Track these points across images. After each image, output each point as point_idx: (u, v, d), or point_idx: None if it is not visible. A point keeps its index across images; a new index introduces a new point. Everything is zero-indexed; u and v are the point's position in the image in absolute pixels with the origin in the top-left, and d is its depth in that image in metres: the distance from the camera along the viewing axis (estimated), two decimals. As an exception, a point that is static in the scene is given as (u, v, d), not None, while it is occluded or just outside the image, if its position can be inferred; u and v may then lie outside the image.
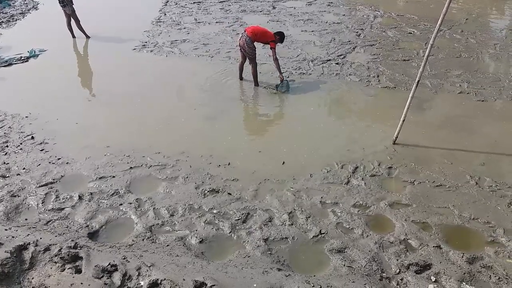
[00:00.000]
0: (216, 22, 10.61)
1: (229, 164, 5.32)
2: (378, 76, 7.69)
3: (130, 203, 4.66)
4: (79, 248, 3.87)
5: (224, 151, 5.57)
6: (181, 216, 4.48)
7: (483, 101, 6.87)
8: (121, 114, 6.53)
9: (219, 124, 6.27)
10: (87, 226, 4.35)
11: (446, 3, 4.63)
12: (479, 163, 5.37)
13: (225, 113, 6.54)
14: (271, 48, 7.04)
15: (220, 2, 12.27)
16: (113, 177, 5.08)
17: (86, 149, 5.61)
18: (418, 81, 5.25)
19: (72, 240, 4.01)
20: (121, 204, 4.66)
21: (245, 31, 7.01)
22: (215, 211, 4.54)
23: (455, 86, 7.31)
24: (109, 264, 3.64)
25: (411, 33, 9.85)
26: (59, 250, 3.80)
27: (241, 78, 7.63)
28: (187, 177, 5.07)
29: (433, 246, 4.10)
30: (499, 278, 3.78)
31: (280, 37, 7.14)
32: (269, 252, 4.03)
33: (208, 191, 4.84)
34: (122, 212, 4.55)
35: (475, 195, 4.81)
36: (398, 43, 9.23)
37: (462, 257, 3.98)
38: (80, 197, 4.74)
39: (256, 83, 7.39)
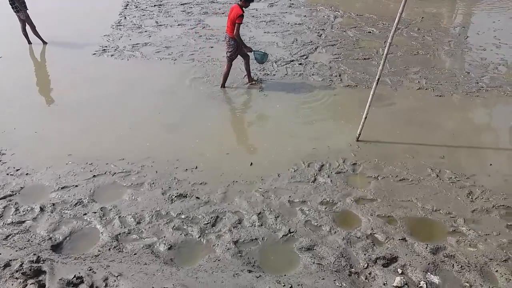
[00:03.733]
0: (178, 25, 10.51)
1: (196, 167, 5.27)
2: (340, 75, 7.85)
3: (95, 212, 4.53)
4: (41, 262, 3.73)
5: (191, 155, 5.52)
6: (148, 223, 4.40)
7: (440, 96, 7.15)
8: (82, 121, 6.34)
9: (185, 127, 6.21)
10: (50, 238, 4.19)
11: (402, 3, 4.78)
12: (439, 156, 5.58)
13: (191, 116, 6.48)
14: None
15: (181, 4, 12.16)
16: (76, 186, 4.93)
17: (46, 158, 5.41)
18: (378, 78, 5.39)
19: (34, 254, 3.86)
20: (85, 214, 4.52)
21: (226, 33, 6.83)
22: (183, 216, 4.48)
23: (414, 83, 7.56)
24: (74, 276, 3.53)
25: (370, 32, 10.11)
26: (20, 265, 3.65)
27: (253, 81, 7.50)
28: (153, 183, 4.99)
29: (399, 239, 4.22)
30: (461, 267, 3.93)
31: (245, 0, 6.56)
32: (239, 254, 4.02)
33: (175, 196, 4.77)
34: (87, 222, 4.42)
35: (436, 187, 4.99)
36: (358, 42, 9.45)
37: (426, 248, 4.11)
38: (41, 209, 4.56)
39: (223, 85, 7.34)
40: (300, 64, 8.35)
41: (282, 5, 12.23)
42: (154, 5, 12.09)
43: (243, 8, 6.59)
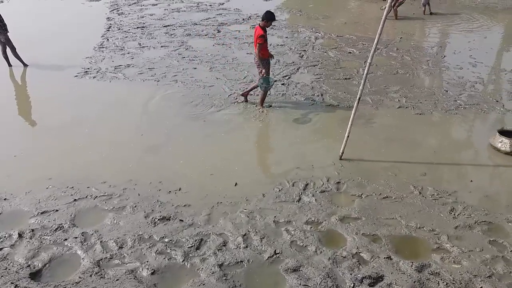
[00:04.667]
0: (161, 46, 10.55)
1: (180, 189, 5.22)
2: (322, 94, 7.95)
3: (76, 238, 4.42)
4: (19, 291, 3.60)
5: (174, 177, 5.46)
6: (130, 247, 4.30)
7: (420, 114, 7.29)
8: (63, 144, 6.24)
9: (168, 148, 6.17)
10: (29, 265, 4.06)
11: (380, 24, 4.91)
12: (421, 173, 5.65)
13: (174, 137, 6.45)
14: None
15: (164, 26, 12.24)
16: (56, 211, 4.81)
17: (26, 182, 5.28)
18: (359, 98, 5.49)
19: (12, 283, 3.74)
20: (65, 239, 4.40)
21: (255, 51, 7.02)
22: (166, 240, 4.40)
23: (394, 101, 7.71)
24: (53, 305, 3.41)
25: (350, 52, 10.32)
26: (-3, 296, 3.51)
27: (245, 99, 7.60)
28: (135, 206, 4.91)
29: (384, 258, 4.22)
30: (446, 284, 3.95)
31: (266, 19, 6.77)
32: (225, 278, 3.95)
33: (158, 219, 4.70)
34: (67, 248, 4.30)
35: (419, 204, 5.04)
36: (339, 63, 9.63)
37: (412, 266, 4.12)
38: (20, 235, 4.43)
39: (261, 103, 7.38)
40: (283, 84, 8.44)
41: (264, 26, 12.41)
42: (137, 27, 12.14)
43: (265, 28, 6.85)
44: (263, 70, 7.04)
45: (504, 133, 6.28)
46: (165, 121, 6.94)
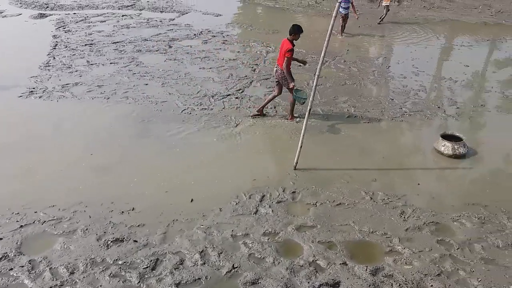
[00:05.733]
0: (111, 63, 10.32)
1: (133, 209, 5.08)
2: (275, 107, 8.09)
3: (22, 266, 4.18)
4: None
5: (127, 196, 5.32)
6: (82, 272, 4.13)
7: (368, 122, 7.58)
8: (7, 167, 5.91)
9: (120, 167, 6.00)
10: (-31, 301, 3.79)
11: (326, 38, 5.10)
12: (372, 179, 5.86)
13: (126, 156, 6.30)
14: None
15: (113, 43, 12.00)
16: (0, 239, 4.53)
17: (-36, 211, 4.95)
18: (310, 109, 5.65)
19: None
20: (11, 269, 4.15)
21: (277, 65, 7.12)
22: (120, 262, 4.26)
23: (343, 111, 7.97)
24: None
25: (300, 65, 10.54)
26: None
27: (261, 113, 7.63)
28: (86, 229, 4.72)
29: (340, 264, 4.32)
30: (399, 285, 4.09)
31: (294, 32, 6.90)
32: (182, 296, 3.88)
33: (111, 241, 4.54)
34: (13, 278, 4.06)
35: (371, 209, 5.21)
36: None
37: (366, 270, 4.24)
38: (-42, 269, 4.13)
39: (291, 115, 7.51)
40: (236, 98, 8.50)
41: (215, 42, 12.50)
42: (85, 45, 11.82)
43: (293, 42, 6.96)
44: (292, 83, 7.09)
45: (446, 137, 6.67)
46: (117, 139, 6.77)
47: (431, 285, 4.11)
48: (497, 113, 8.23)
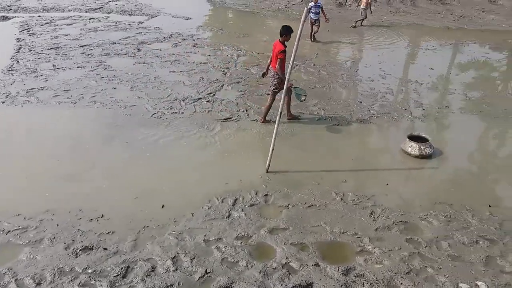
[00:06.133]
0: (78, 67, 10.07)
1: (102, 216, 4.97)
2: (246, 110, 8.10)
3: (-15, 279, 4.01)
4: None
5: (96, 203, 5.19)
6: (50, 283, 4.00)
7: (338, 125, 7.71)
8: (-33, 177, 5.67)
9: (89, 174, 5.85)
10: None
11: (295, 42, 5.16)
12: (342, 180, 5.96)
13: (95, 162, 6.15)
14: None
15: (80, 46, 11.72)
16: (-39, 251, 4.34)
17: None
18: (281, 112, 5.70)
19: None
20: (-28, 283, 3.98)
21: (271, 68, 7.19)
22: (90, 271, 4.15)
23: (314, 114, 8.08)
24: None
25: (272, 68, 10.65)
26: None
27: (292, 117, 7.75)
28: (54, 238, 4.58)
29: (312, 265, 4.36)
30: (370, 284, 4.17)
31: (285, 34, 6.90)
32: (154, 303, 3.82)
33: (80, 250, 4.42)
34: (-25, 292, 3.88)
35: (341, 210, 5.29)
36: (261, 79, 9.85)
37: (338, 270, 4.30)
38: None
39: (264, 119, 7.58)
40: (208, 101, 8.46)
41: (186, 45, 12.41)
42: (51, 48, 11.48)
43: (285, 43, 6.96)
44: (289, 82, 7.05)
45: (413, 138, 6.86)
46: (84, 145, 6.60)
47: (401, 283, 4.21)
48: (460, 114, 8.54)
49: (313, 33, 13.50)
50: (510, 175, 6.42)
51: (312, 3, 12.84)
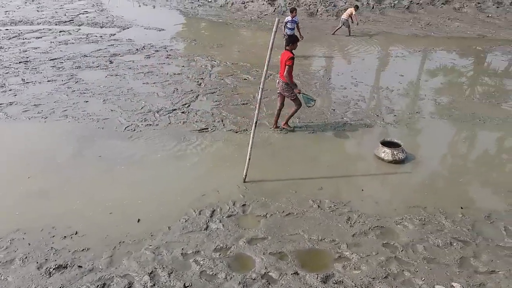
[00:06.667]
0: (48, 81, 9.86)
1: (76, 233, 4.84)
2: (222, 120, 8.10)
3: (-49, 305, 3.83)
4: None
5: (69, 220, 5.05)
6: (21, 305, 3.86)
7: (313, 133, 7.80)
8: None
9: (60, 190, 5.70)
10: None
11: (268, 53, 5.22)
12: (318, 187, 6.01)
13: (67, 177, 6.00)
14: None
15: (51, 60, 11.49)
16: None
17: None
18: (256, 122, 5.72)
19: None
20: None
21: (279, 77, 7.41)
22: (64, 290, 4.04)
23: (289, 123, 8.12)
24: None
25: (246, 79, 10.73)
26: None
27: (276, 126, 7.85)
28: (25, 258, 4.42)
29: (291, 274, 4.36)
30: (349, 289, 4.20)
31: (291, 43, 7.27)
32: (132, 321, 3.73)
33: (53, 269, 4.28)
34: None
35: (319, 217, 5.33)
36: (236, 89, 9.93)
37: (317, 278, 4.31)
38: None
39: (287, 124, 7.82)
40: (182, 112, 8.42)
41: (159, 56, 12.35)
42: (19, 62, 11.22)
43: (293, 51, 7.27)
44: (297, 89, 7.43)
45: (386, 144, 7.00)
46: (56, 160, 6.44)
47: (379, 288, 4.26)
48: (431, 119, 8.78)
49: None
50: (480, 177, 6.64)
51: (289, 18, 12.52)
